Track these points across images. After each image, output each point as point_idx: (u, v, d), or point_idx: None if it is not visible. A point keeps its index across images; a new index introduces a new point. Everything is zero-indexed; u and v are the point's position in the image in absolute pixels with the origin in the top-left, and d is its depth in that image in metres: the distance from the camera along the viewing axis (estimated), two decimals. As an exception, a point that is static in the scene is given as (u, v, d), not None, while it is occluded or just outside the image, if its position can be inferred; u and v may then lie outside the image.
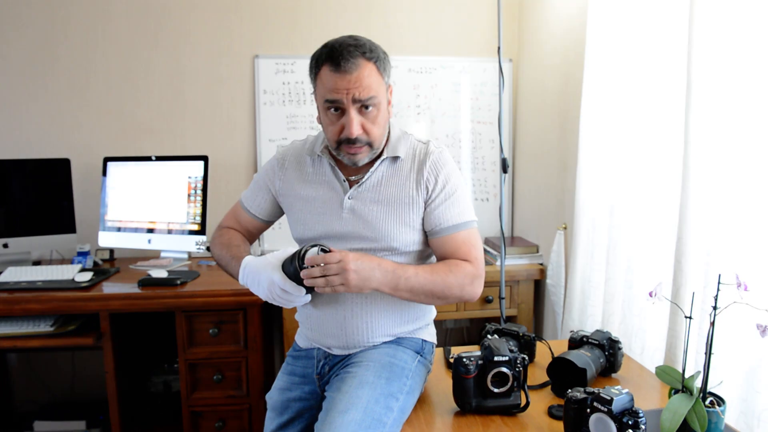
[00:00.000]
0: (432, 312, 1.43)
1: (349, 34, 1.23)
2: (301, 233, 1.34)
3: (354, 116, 1.19)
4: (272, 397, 1.37)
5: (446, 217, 1.28)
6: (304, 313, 1.37)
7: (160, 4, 2.47)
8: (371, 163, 1.30)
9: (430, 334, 1.41)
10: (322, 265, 1.12)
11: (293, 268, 1.14)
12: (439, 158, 1.30)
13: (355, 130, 1.20)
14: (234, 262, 1.28)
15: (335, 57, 1.17)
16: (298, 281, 1.14)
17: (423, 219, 1.30)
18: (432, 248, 1.33)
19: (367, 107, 1.21)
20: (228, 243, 1.36)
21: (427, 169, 1.28)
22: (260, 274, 1.18)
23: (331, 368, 1.34)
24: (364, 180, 1.29)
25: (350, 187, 1.30)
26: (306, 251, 1.14)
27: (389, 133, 1.33)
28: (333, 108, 1.21)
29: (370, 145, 1.25)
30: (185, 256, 2.36)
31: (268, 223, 1.46)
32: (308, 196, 1.33)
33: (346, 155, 1.25)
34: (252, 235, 1.46)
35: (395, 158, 1.31)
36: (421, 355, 1.35)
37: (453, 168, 1.32)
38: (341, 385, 1.22)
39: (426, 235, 1.32)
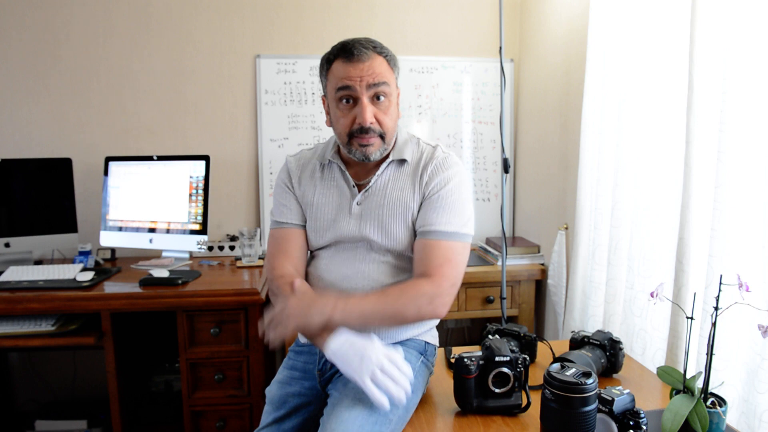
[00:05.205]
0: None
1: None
2: (316, 241, 1.35)
3: (367, 104, 1.22)
4: (271, 390, 1.37)
5: (431, 220, 1.24)
6: None
7: (161, 4, 2.47)
8: (377, 166, 1.31)
9: (433, 337, 1.41)
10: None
11: None
12: (443, 162, 1.28)
13: (368, 117, 1.21)
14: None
15: (347, 50, 1.21)
16: None
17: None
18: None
19: (378, 97, 1.23)
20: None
21: (428, 171, 1.28)
22: (364, 345, 1.12)
23: (333, 365, 1.32)
24: (371, 184, 1.30)
25: (359, 191, 1.31)
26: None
27: (396, 136, 1.34)
28: (345, 99, 1.23)
29: (381, 137, 1.25)
30: (186, 255, 2.36)
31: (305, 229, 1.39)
32: (319, 202, 1.34)
33: (357, 149, 1.25)
34: (305, 257, 1.39)
35: (401, 161, 1.31)
36: (424, 356, 1.35)
37: (456, 174, 1.28)
38: (347, 381, 1.22)
39: None
